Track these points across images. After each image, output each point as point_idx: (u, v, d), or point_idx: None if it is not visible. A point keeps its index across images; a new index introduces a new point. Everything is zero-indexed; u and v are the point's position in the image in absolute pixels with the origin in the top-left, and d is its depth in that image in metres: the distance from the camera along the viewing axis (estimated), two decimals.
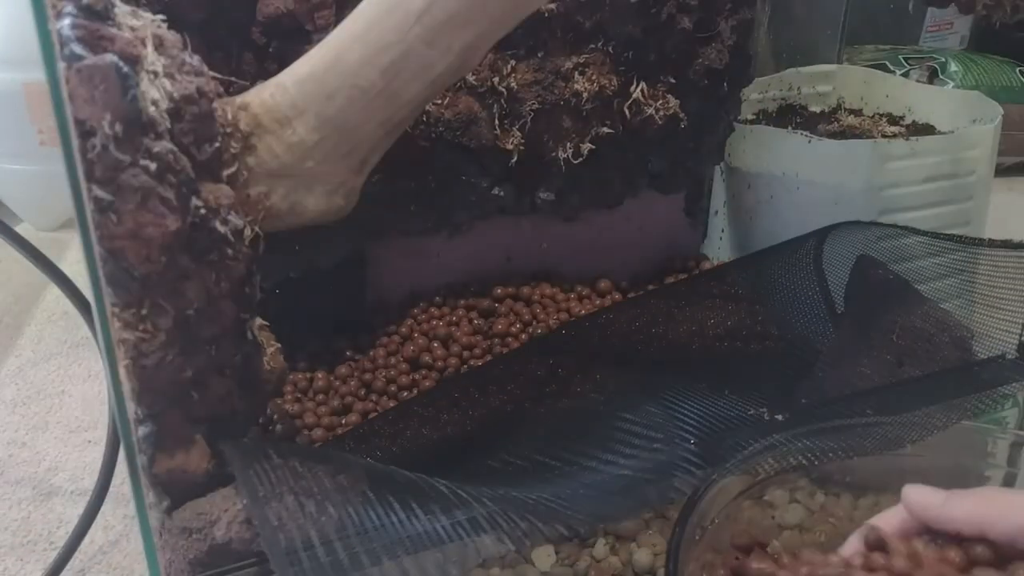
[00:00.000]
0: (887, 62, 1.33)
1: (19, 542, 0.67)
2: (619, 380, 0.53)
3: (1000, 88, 1.34)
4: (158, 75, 0.39)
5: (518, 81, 0.62)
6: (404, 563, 0.38)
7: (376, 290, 0.69)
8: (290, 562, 0.37)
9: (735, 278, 0.66)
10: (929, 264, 0.65)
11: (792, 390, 0.53)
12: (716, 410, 0.47)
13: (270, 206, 0.47)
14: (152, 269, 0.39)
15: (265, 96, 0.46)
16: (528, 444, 0.51)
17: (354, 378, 0.63)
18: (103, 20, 0.38)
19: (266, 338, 0.54)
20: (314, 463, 0.43)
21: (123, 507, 0.70)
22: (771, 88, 0.95)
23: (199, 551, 0.42)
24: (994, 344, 0.56)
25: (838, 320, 0.61)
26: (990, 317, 0.58)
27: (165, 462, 0.43)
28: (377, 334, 0.66)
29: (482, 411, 0.56)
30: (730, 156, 0.84)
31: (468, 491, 0.41)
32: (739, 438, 0.45)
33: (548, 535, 0.40)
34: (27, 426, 0.82)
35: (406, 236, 0.67)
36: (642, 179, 0.73)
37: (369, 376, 0.63)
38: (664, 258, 0.78)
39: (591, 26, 0.63)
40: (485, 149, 0.63)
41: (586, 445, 0.48)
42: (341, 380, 0.63)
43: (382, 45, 0.44)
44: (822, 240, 0.65)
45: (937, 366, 0.55)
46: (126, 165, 0.37)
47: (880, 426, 0.45)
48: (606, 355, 0.60)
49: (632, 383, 0.53)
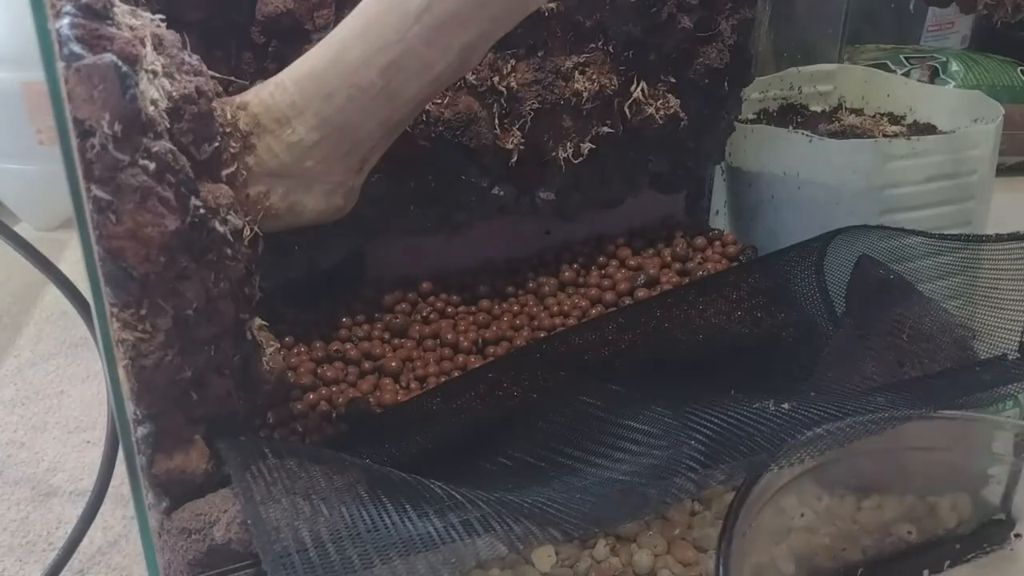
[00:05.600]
0: (888, 61, 1.33)
1: (18, 543, 0.67)
2: (620, 382, 0.53)
3: (1001, 88, 1.34)
4: (157, 75, 0.39)
5: (518, 80, 0.62)
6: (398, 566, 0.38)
7: (374, 288, 0.69)
8: (283, 564, 0.37)
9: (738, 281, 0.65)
10: (930, 264, 0.65)
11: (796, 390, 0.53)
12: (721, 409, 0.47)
13: (269, 206, 0.46)
14: (151, 269, 0.39)
15: (264, 96, 0.46)
16: (527, 445, 0.51)
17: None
18: (102, 19, 0.37)
19: (265, 338, 0.54)
20: (311, 463, 0.43)
21: (122, 508, 0.70)
22: (772, 87, 0.95)
23: (198, 552, 0.42)
24: (995, 344, 0.56)
25: (839, 322, 0.61)
26: (992, 317, 0.58)
27: (164, 463, 0.43)
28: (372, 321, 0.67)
29: (480, 413, 0.56)
30: (731, 156, 0.84)
31: (464, 493, 0.41)
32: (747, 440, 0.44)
33: (543, 538, 0.40)
34: (26, 426, 0.82)
35: (406, 236, 0.66)
36: (642, 179, 0.73)
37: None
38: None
39: (591, 25, 0.63)
40: (485, 149, 0.63)
41: (586, 447, 0.48)
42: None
43: (382, 44, 0.44)
44: (826, 244, 0.65)
45: (938, 366, 0.55)
46: (125, 165, 0.37)
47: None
48: (607, 356, 0.60)
49: (634, 385, 0.52)
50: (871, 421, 0.44)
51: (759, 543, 0.47)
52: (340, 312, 0.66)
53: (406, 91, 0.46)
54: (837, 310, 0.63)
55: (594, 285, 0.71)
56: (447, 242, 0.69)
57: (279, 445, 0.47)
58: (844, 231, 0.66)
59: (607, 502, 0.42)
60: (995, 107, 0.82)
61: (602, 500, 0.42)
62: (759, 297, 0.64)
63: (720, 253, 0.75)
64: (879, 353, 0.55)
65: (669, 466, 0.44)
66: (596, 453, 0.47)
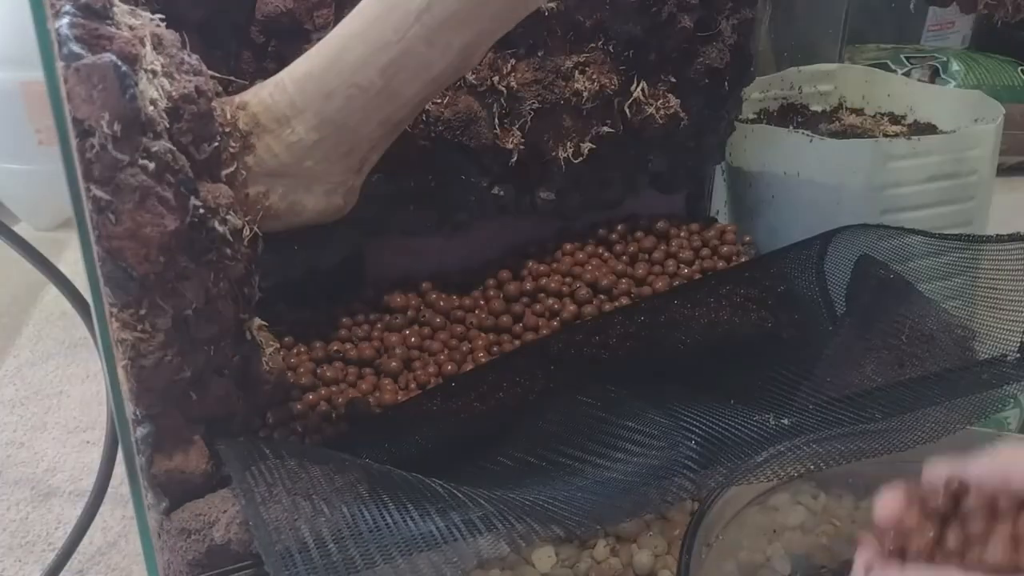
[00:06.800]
0: (889, 61, 1.33)
1: (17, 543, 0.67)
2: (622, 383, 0.53)
3: (1002, 87, 1.34)
4: (157, 74, 0.39)
5: (518, 80, 0.62)
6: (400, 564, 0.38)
7: (375, 288, 0.69)
8: (285, 564, 0.37)
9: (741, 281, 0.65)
10: (931, 264, 0.65)
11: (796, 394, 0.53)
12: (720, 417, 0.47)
13: (269, 205, 0.46)
14: (151, 269, 0.39)
15: (264, 95, 0.46)
16: (527, 445, 0.51)
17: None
18: (102, 19, 0.37)
19: (265, 338, 0.54)
20: (311, 463, 0.43)
21: (121, 508, 0.70)
22: (772, 87, 0.95)
23: (197, 552, 0.42)
24: (995, 344, 0.56)
25: (840, 322, 0.61)
26: (991, 317, 0.58)
27: (164, 463, 0.43)
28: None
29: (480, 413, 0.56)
30: (731, 155, 0.84)
31: (466, 491, 0.41)
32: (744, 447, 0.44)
33: (545, 536, 0.39)
34: (25, 426, 0.82)
35: (406, 236, 0.66)
36: (643, 179, 0.73)
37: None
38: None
39: (591, 25, 0.63)
40: (485, 148, 0.63)
41: (586, 447, 0.48)
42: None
43: (381, 44, 0.44)
44: (826, 244, 0.64)
45: (938, 367, 0.54)
46: (124, 165, 0.37)
47: (886, 432, 0.45)
48: (608, 358, 0.60)
49: (634, 387, 0.52)
50: (868, 449, 0.44)
51: (747, 542, 0.47)
52: (340, 312, 0.66)
53: (406, 91, 0.46)
54: (837, 310, 0.63)
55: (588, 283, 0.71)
56: (447, 242, 0.69)
57: (279, 445, 0.47)
58: (844, 230, 0.66)
59: (608, 500, 0.42)
60: (995, 107, 0.82)
61: (603, 498, 0.42)
62: (759, 296, 0.64)
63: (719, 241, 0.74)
64: (879, 353, 0.55)
65: (669, 466, 0.44)
66: (596, 453, 0.47)
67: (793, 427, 0.46)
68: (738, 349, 0.61)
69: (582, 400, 0.52)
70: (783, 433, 0.45)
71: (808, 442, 0.44)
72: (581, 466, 0.47)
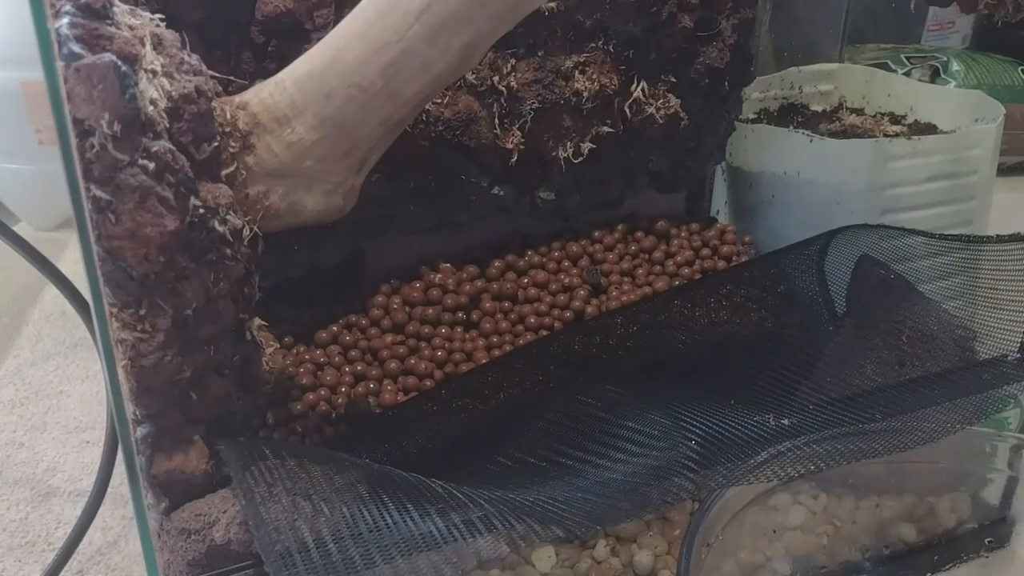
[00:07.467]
0: (889, 61, 1.33)
1: (17, 543, 0.67)
2: (622, 383, 0.53)
3: (1002, 87, 1.34)
4: (157, 74, 0.39)
5: (518, 80, 0.62)
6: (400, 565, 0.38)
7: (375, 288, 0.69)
8: (285, 564, 0.37)
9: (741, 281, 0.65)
10: (931, 264, 0.65)
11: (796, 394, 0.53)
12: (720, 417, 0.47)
13: (269, 205, 0.46)
14: (150, 269, 0.39)
15: (264, 95, 0.46)
16: (527, 446, 0.51)
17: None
18: (102, 19, 0.37)
19: (265, 338, 0.54)
20: (311, 463, 0.43)
21: (121, 508, 0.70)
22: (772, 87, 0.95)
23: (198, 552, 0.42)
24: (996, 344, 0.56)
25: (840, 322, 0.61)
26: (992, 317, 0.58)
27: (163, 463, 0.43)
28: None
29: (480, 412, 0.56)
30: (731, 155, 0.84)
31: (466, 492, 0.41)
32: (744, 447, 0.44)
33: (546, 536, 0.39)
34: (25, 426, 0.81)
35: (406, 236, 0.66)
36: (643, 179, 0.73)
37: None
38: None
39: (591, 25, 0.63)
40: (485, 148, 0.63)
41: (586, 447, 0.48)
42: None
43: (381, 44, 0.44)
44: (827, 244, 0.64)
45: (939, 367, 0.55)
46: (124, 164, 0.37)
47: (887, 432, 0.45)
48: (608, 358, 0.60)
49: (635, 387, 0.52)
50: (868, 450, 0.44)
51: (747, 542, 0.47)
52: (340, 312, 0.66)
53: (406, 90, 0.46)
54: (838, 310, 0.63)
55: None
56: (447, 242, 0.69)
57: (279, 445, 0.47)
58: (845, 230, 0.66)
59: (608, 500, 0.42)
60: (996, 107, 0.82)
61: (603, 499, 0.42)
62: (759, 296, 0.64)
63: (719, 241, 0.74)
64: (880, 353, 0.55)
65: (669, 466, 0.44)
66: (596, 453, 0.47)
67: (793, 427, 0.46)
68: (738, 349, 0.61)
69: (582, 400, 0.52)
70: (783, 433, 0.45)
71: (808, 442, 0.44)
72: (581, 466, 0.47)
